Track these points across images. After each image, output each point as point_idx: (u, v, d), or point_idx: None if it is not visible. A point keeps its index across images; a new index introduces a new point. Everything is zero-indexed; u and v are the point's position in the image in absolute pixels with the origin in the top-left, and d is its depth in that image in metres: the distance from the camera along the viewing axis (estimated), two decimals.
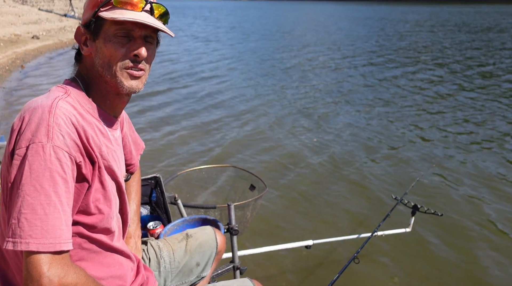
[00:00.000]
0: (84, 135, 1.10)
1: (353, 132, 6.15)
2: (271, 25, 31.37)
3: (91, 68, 1.22)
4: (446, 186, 4.40)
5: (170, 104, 7.70)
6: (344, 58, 13.68)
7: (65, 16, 25.74)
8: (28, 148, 1.01)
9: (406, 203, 3.11)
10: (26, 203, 0.97)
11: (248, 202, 2.47)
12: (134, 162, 1.62)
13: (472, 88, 9.15)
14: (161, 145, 5.50)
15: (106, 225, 1.20)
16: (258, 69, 11.69)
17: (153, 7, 1.20)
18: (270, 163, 5.00)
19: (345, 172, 4.75)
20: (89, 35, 1.19)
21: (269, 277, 2.95)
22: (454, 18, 38.18)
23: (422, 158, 5.18)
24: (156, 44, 1.27)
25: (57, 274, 0.98)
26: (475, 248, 3.35)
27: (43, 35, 17.27)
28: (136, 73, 1.20)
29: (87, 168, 1.11)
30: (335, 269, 2.30)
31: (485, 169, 4.84)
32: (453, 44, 17.66)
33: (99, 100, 1.23)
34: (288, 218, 3.77)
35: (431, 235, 3.49)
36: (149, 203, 2.30)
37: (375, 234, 2.81)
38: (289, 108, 7.51)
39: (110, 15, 1.13)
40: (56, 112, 1.05)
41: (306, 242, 2.86)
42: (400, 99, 8.19)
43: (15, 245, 0.96)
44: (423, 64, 12.52)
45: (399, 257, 3.22)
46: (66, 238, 1.01)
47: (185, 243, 1.72)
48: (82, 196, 1.11)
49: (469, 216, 3.80)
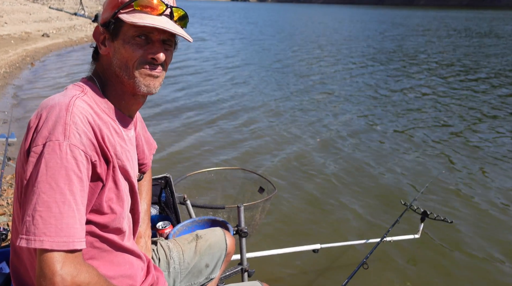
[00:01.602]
0: (100, 134, 1.10)
1: (363, 137, 6.12)
2: (281, 26, 31.39)
3: (108, 67, 1.22)
4: (456, 193, 4.35)
5: (183, 107, 7.70)
6: (356, 63, 13.64)
7: (75, 15, 25.93)
8: (45, 145, 1.01)
9: (416, 209, 3.09)
10: (41, 200, 0.97)
11: (257, 203, 2.46)
12: (147, 162, 1.62)
13: (487, 95, 9.06)
14: (172, 146, 5.50)
15: (118, 224, 1.20)
16: (272, 73, 11.67)
17: (173, 11, 1.20)
18: (279, 166, 4.98)
19: (354, 177, 4.72)
20: (107, 35, 1.19)
21: (277, 280, 2.94)
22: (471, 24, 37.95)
23: (432, 163, 5.13)
24: (174, 46, 1.27)
25: (70, 273, 0.98)
26: (485, 256, 3.31)
27: (53, 33, 17.41)
28: (154, 72, 1.20)
29: (102, 167, 1.10)
30: (343, 274, 2.29)
31: (496, 176, 4.79)
32: (469, 50, 17.55)
33: (115, 100, 1.23)
34: (296, 221, 3.75)
35: (440, 242, 3.45)
36: (158, 202, 2.29)
37: (384, 239, 2.79)
38: (298, 111, 7.49)
39: (130, 19, 1.13)
40: (73, 111, 1.05)
41: (313, 246, 2.84)
42: (410, 104, 8.14)
43: (29, 242, 0.96)
44: (435, 69, 12.45)
45: (408, 263, 3.20)
46: (79, 237, 1.01)
47: (195, 244, 1.71)
48: (96, 195, 1.11)
49: (479, 224, 3.76)
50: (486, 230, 3.67)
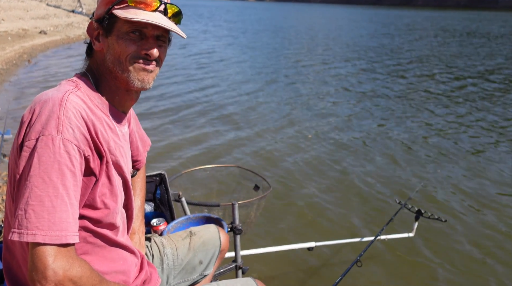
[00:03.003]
0: (93, 129, 1.10)
1: (357, 135, 6.14)
2: (279, 24, 31.39)
3: (101, 63, 1.22)
4: (450, 192, 4.38)
5: (177, 104, 7.71)
6: (354, 60, 13.66)
7: (72, 12, 25.85)
8: (38, 140, 1.01)
9: (410, 207, 3.10)
10: (34, 194, 0.97)
11: (252, 201, 2.46)
12: (141, 158, 1.63)
13: (483, 94, 9.11)
14: (167, 143, 5.50)
15: (111, 220, 1.21)
16: (267, 68, 11.69)
17: (167, 7, 1.20)
18: (274, 164, 4.99)
19: (349, 175, 4.74)
20: (101, 31, 1.20)
21: (271, 277, 2.95)
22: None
23: (427, 163, 5.16)
24: (168, 43, 1.27)
25: (62, 267, 0.98)
26: (478, 254, 3.33)
27: (51, 30, 17.35)
28: (148, 67, 1.20)
29: (95, 162, 1.11)
30: (337, 272, 2.30)
31: (491, 175, 4.81)
32: (465, 52, 17.60)
33: (109, 95, 1.24)
34: (291, 219, 3.76)
35: (434, 240, 3.47)
36: (153, 200, 2.30)
37: (378, 238, 2.80)
38: (294, 109, 7.51)
39: (124, 15, 1.14)
40: (66, 106, 1.06)
41: (308, 243, 2.85)
42: (405, 103, 8.16)
43: (21, 236, 0.96)
44: (434, 69, 12.48)
45: (402, 261, 3.21)
46: (72, 231, 1.01)
47: (188, 240, 1.72)
48: (89, 190, 1.11)
49: (473, 223, 3.79)
50: (479, 228, 3.69)
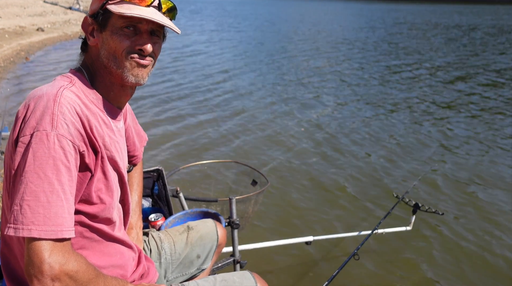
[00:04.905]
0: (88, 125, 1.10)
1: (355, 128, 6.15)
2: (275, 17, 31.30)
3: (96, 58, 1.22)
4: (447, 185, 4.39)
5: (174, 99, 7.70)
6: (351, 56, 13.65)
7: (70, 9, 25.71)
8: (33, 135, 1.01)
9: (408, 201, 3.11)
10: (29, 190, 0.98)
11: (250, 196, 2.47)
12: (138, 154, 1.63)
13: (481, 88, 9.10)
14: (164, 139, 5.50)
15: (108, 215, 1.21)
16: (265, 64, 11.67)
17: (161, 2, 1.20)
18: (272, 159, 5.00)
19: (347, 169, 4.75)
20: (96, 26, 1.20)
21: (269, 271, 2.96)
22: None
23: (425, 156, 5.17)
24: (163, 38, 1.28)
25: (58, 261, 0.99)
26: (475, 247, 3.35)
27: (48, 27, 17.27)
28: (143, 62, 1.20)
29: (90, 157, 1.11)
30: (335, 265, 2.31)
31: (488, 168, 4.83)
32: (463, 45, 17.58)
33: (103, 91, 1.24)
34: (289, 214, 3.77)
35: (431, 234, 3.49)
36: (151, 195, 2.30)
37: (375, 231, 2.82)
38: (291, 103, 7.50)
39: (118, 10, 1.14)
40: (61, 101, 1.06)
41: (306, 238, 2.87)
42: (402, 96, 8.16)
43: (16, 231, 0.97)
44: (430, 62, 12.48)
45: (399, 254, 3.23)
46: (68, 226, 1.02)
47: (186, 235, 1.73)
48: (84, 185, 1.12)
49: (470, 216, 3.80)
50: (476, 221, 3.71)
